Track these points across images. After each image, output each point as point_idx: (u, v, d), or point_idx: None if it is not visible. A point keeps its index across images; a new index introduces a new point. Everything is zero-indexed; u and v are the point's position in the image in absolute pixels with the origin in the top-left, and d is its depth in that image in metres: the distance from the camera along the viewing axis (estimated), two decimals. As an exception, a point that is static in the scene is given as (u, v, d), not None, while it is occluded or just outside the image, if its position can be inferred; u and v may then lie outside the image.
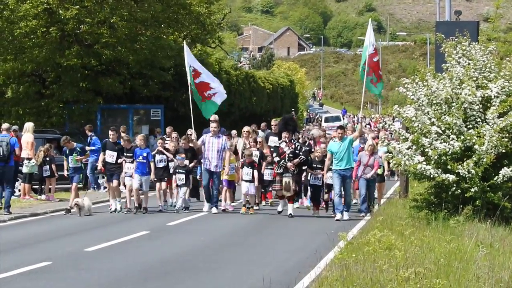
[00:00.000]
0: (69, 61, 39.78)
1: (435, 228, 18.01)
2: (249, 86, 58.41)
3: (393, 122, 23.64)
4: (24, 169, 26.41)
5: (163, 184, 24.87)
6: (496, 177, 19.51)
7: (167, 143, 26.24)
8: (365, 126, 51.94)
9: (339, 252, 15.45)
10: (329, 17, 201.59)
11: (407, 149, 20.22)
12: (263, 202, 26.24)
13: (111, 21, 39.19)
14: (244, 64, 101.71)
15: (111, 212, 24.24)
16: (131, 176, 24.18)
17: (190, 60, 27.05)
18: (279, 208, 23.51)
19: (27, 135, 26.92)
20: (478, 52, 21.10)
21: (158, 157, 24.87)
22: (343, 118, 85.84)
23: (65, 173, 25.02)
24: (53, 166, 25.07)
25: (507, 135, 19.66)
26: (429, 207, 20.54)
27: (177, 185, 24.52)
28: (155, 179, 24.47)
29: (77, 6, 38.57)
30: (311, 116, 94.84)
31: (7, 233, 20.81)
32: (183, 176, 24.21)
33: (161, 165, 24.74)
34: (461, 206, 19.33)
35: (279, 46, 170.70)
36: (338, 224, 21.14)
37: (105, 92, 41.79)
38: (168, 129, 29.67)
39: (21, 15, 37.94)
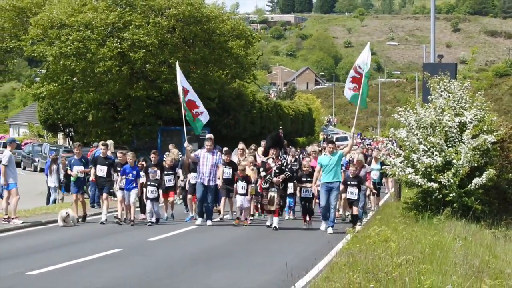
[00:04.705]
0: (137, 92, 40.17)
1: (422, 225, 17.88)
2: (276, 113, 58.47)
3: (390, 142, 23.29)
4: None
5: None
6: (469, 185, 19.37)
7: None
8: (367, 145, 51.62)
9: (346, 243, 15.38)
10: (339, 59, 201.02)
11: (400, 163, 20.15)
12: (256, 214, 22.57)
13: (170, 61, 39.53)
14: (273, 96, 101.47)
15: (101, 223, 20.77)
16: (122, 189, 20.76)
17: (181, 79, 21.80)
18: (268, 223, 19.97)
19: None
20: (456, 87, 21.00)
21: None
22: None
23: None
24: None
25: (478, 152, 19.53)
26: (417, 209, 20.42)
27: (147, 198, 20.95)
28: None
29: (144, 50, 38.98)
30: (326, 137, 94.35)
31: (88, 226, 20.95)
32: (154, 188, 20.85)
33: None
34: (442, 207, 19.20)
35: (300, 82, 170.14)
36: (345, 223, 21.04)
37: (164, 116, 42.14)
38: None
39: (100, 57, 38.37)
